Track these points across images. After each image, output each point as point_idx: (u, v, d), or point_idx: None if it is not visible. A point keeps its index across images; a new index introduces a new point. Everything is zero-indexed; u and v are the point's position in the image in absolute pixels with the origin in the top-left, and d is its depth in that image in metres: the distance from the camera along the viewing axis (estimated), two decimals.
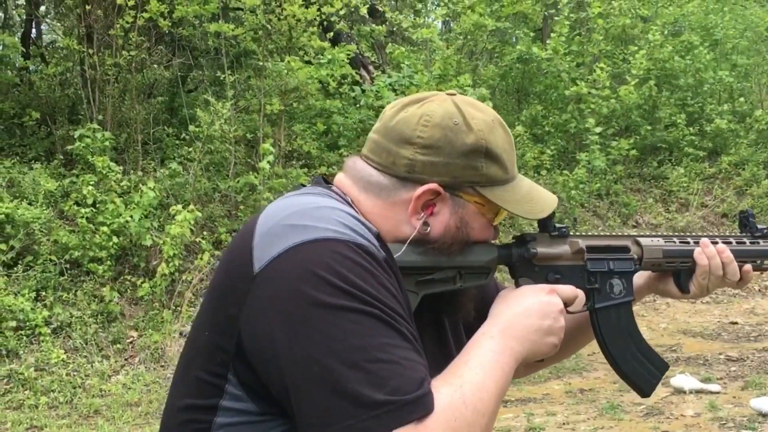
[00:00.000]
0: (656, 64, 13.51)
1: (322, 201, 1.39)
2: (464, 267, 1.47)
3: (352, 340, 1.22)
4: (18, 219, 8.22)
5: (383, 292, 1.28)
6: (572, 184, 11.71)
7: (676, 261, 1.69)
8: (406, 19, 12.16)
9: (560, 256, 1.56)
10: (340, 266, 1.26)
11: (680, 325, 9.56)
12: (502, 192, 1.51)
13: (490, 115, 1.53)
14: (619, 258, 1.61)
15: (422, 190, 1.45)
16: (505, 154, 1.52)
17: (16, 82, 11.53)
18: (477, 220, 1.51)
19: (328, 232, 1.29)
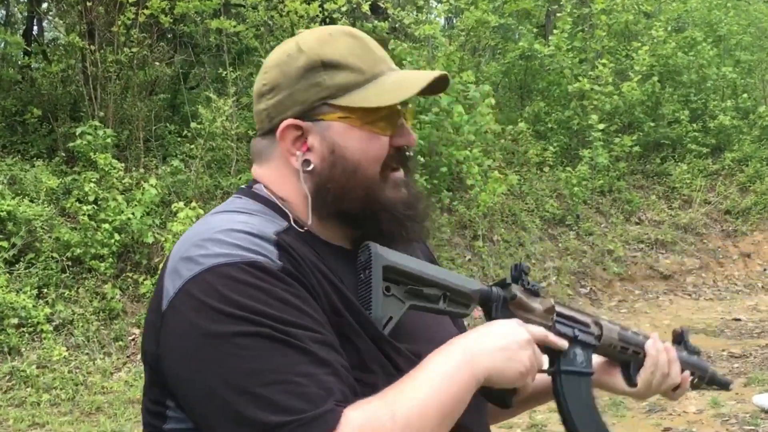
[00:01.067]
0: (659, 60, 13.47)
1: (223, 221, 1.34)
2: (449, 288, 1.40)
3: (244, 365, 1.20)
4: (20, 216, 8.21)
5: (278, 306, 1.23)
6: (575, 181, 11.69)
7: (630, 348, 1.66)
8: (409, 16, 12.12)
9: (533, 310, 1.49)
10: (229, 291, 1.23)
11: (683, 322, 9.54)
12: (361, 93, 1.39)
13: (329, 29, 1.47)
14: (583, 330, 1.57)
15: (280, 129, 1.41)
16: (353, 57, 1.41)
17: (18, 79, 11.52)
18: (350, 136, 1.40)
19: (219, 258, 1.26)
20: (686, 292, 10.93)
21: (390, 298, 1.33)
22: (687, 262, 11.51)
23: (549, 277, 10.51)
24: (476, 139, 10.95)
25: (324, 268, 1.34)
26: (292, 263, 1.29)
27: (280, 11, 10.68)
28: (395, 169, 1.45)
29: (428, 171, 10.80)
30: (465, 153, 10.61)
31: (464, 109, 10.83)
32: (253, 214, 1.38)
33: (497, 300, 1.46)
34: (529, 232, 11.06)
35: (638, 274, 11.16)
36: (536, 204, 11.58)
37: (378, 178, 1.41)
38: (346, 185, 1.39)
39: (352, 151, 1.40)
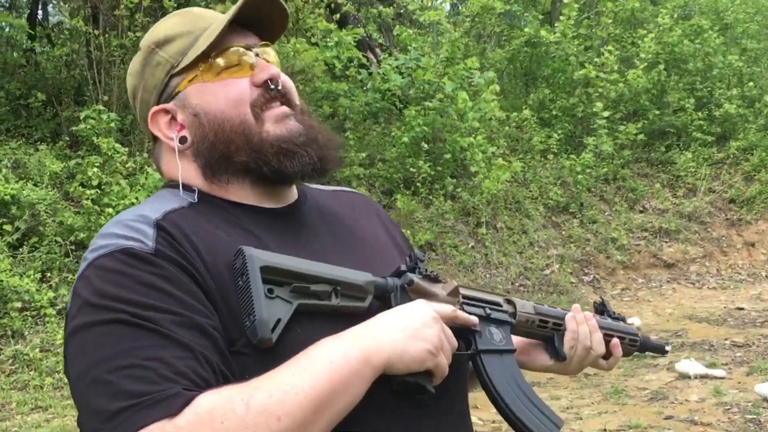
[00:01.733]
0: (665, 48, 13.43)
1: (119, 216, 1.35)
2: (339, 282, 1.28)
3: (96, 354, 1.16)
4: (23, 200, 8.22)
5: (140, 290, 1.18)
6: (579, 169, 11.68)
7: (549, 321, 1.59)
8: (414, 2, 12.09)
9: (435, 295, 1.38)
10: (99, 282, 1.21)
11: (686, 311, 9.54)
12: (195, 49, 1.39)
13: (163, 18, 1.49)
14: (495, 309, 1.48)
15: (149, 122, 1.43)
16: (179, 26, 1.43)
17: (23, 63, 11.53)
18: (205, 92, 1.38)
19: (99, 251, 1.25)
20: (689, 281, 10.93)
21: (274, 300, 1.22)
22: (691, 250, 11.50)
23: (552, 265, 10.51)
24: (480, 126, 10.94)
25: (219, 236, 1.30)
26: (168, 243, 1.25)
27: None
28: (272, 107, 1.39)
29: (432, 157, 10.79)
30: (469, 140, 10.60)
31: (468, 95, 10.82)
32: (156, 199, 1.38)
33: (394, 289, 1.35)
34: (533, 219, 11.06)
35: (642, 263, 11.15)
36: (540, 191, 11.57)
37: (251, 121, 1.37)
38: (220, 138, 1.36)
39: (212, 104, 1.37)
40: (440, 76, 10.96)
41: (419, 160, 10.59)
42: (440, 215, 10.38)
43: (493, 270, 10.17)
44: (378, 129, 11.54)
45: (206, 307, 1.21)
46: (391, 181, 10.65)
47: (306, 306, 1.25)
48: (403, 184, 10.67)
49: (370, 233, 1.56)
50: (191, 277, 1.23)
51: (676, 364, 7.03)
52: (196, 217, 1.33)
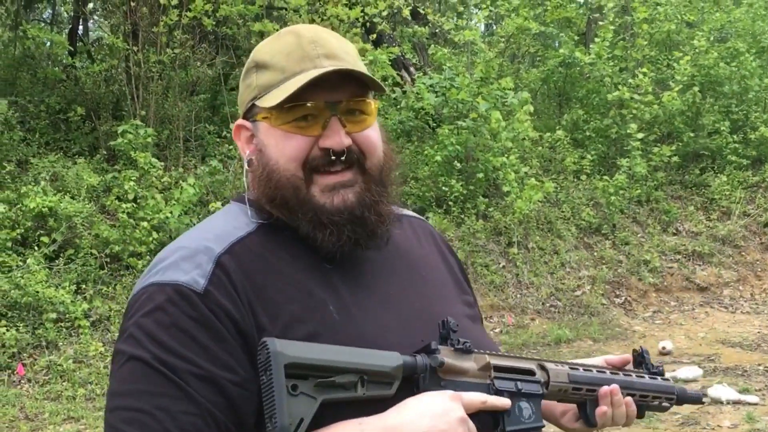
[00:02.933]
0: (701, 70, 13.36)
1: (188, 235, 1.40)
2: (366, 371, 1.25)
3: (114, 385, 1.25)
4: (61, 212, 8.34)
5: (175, 334, 1.24)
6: (612, 190, 11.62)
7: (582, 388, 1.55)
8: (449, 22, 12.14)
9: (466, 371, 1.36)
10: (142, 311, 1.27)
11: (719, 335, 9.45)
12: (276, 92, 1.37)
13: (286, 29, 1.47)
14: (526, 380, 1.44)
15: (233, 131, 1.46)
16: (280, 56, 1.39)
17: (63, 78, 11.71)
18: (271, 136, 1.38)
19: (156, 276, 1.31)
20: (723, 305, 10.82)
21: (298, 398, 1.20)
22: (724, 274, 11.39)
23: (583, 286, 10.46)
24: (513, 145, 10.94)
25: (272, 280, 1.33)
26: (222, 284, 1.28)
27: (321, 15, 10.75)
28: (331, 172, 1.37)
29: (465, 177, 10.81)
30: (502, 159, 10.60)
31: (502, 115, 10.83)
32: (227, 219, 1.42)
33: (423, 371, 1.31)
34: (565, 240, 11.02)
35: (674, 286, 11.06)
36: (572, 212, 11.53)
37: (300, 180, 1.37)
38: (270, 183, 1.38)
39: (272, 149, 1.38)
40: (474, 96, 10.98)
41: (452, 178, 10.61)
42: (472, 234, 10.37)
43: (523, 290, 10.15)
44: (411, 147, 11.58)
45: (235, 359, 1.25)
46: (424, 200, 10.67)
47: (331, 399, 1.24)
48: (435, 202, 10.69)
49: (432, 266, 1.57)
50: (233, 323, 1.27)
51: (709, 389, 6.96)
52: (261, 247, 1.36)
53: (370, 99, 1.42)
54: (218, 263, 1.30)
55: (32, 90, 11.23)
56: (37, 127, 10.24)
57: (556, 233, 11.10)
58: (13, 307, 7.61)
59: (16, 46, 12.27)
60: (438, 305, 1.46)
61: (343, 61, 1.39)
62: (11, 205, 8.37)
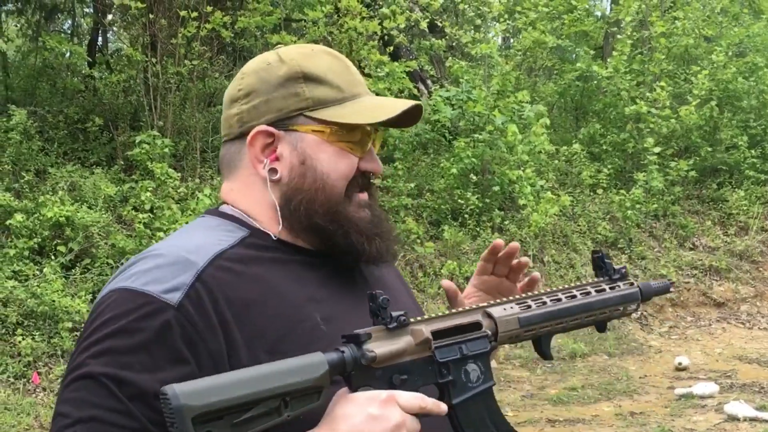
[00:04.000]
0: (719, 84, 13.31)
1: (165, 243, 1.40)
2: (288, 392, 1.16)
3: (63, 392, 1.25)
4: (78, 222, 8.38)
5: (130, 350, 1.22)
6: (629, 204, 11.59)
7: (536, 329, 1.46)
8: (466, 35, 12.15)
9: (403, 351, 1.27)
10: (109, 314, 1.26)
11: (736, 351, 9.39)
12: (338, 110, 1.42)
13: (311, 46, 1.50)
14: (471, 339, 1.35)
15: (251, 135, 1.41)
16: (333, 75, 1.44)
17: (81, 88, 11.79)
18: (323, 150, 1.41)
19: (131, 279, 1.29)
20: (740, 321, 10.75)
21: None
22: (741, 290, 11.32)
23: None
24: (530, 159, 10.93)
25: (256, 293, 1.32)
26: (198, 299, 1.27)
27: (339, 27, 10.79)
28: (360, 191, 1.46)
29: (480, 189, 10.80)
30: (518, 173, 10.60)
31: (518, 128, 10.83)
32: (206, 232, 1.41)
33: (353, 367, 1.22)
34: (581, 254, 10.99)
35: (691, 301, 11.00)
36: (588, 226, 11.50)
37: (343, 196, 1.42)
38: (315, 197, 1.40)
39: (323, 164, 1.41)
40: (491, 109, 10.99)
41: (467, 191, 10.61)
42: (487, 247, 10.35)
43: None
44: (427, 160, 11.59)
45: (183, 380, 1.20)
46: (439, 212, 10.67)
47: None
48: (450, 215, 10.68)
49: (394, 279, 1.63)
50: (203, 341, 1.25)
51: (725, 405, 6.91)
52: (245, 259, 1.36)
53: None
54: (198, 277, 1.28)
55: (51, 100, 11.31)
56: (56, 137, 10.31)
57: (572, 247, 11.07)
58: (29, 316, 7.65)
59: (36, 56, 12.37)
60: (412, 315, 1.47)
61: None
62: (29, 214, 8.42)
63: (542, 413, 7.15)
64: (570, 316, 1.50)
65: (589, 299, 1.53)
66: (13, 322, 7.54)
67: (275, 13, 10.63)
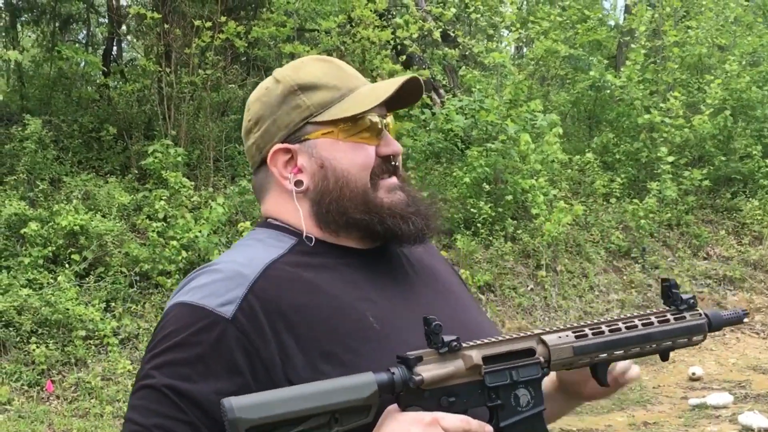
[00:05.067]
0: (732, 94, 13.26)
1: (223, 258, 1.45)
2: (338, 410, 1.21)
3: (131, 398, 1.34)
4: (92, 231, 8.43)
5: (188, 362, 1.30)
6: (642, 213, 11.55)
7: (591, 358, 1.45)
8: (479, 44, 12.17)
9: (452, 375, 1.30)
10: (171, 327, 1.33)
11: (750, 361, 9.33)
12: (340, 106, 1.47)
13: (302, 59, 1.56)
14: (522, 365, 1.37)
15: (269, 156, 1.47)
16: (326, 77, 1.49)
17: (96, 97, 11.87)
18: (337, 149, 1.46)
19: (189, 294, 1.36)
20: (754, 331, 10.69)
21: None
22: (756, 299, 11.26)
23: (612, 310, 10.38)
24: (542, 168, 10.92)
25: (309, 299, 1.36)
26: (251, 311, 1.33)
27: (352, 37, 10.83)
28: (385, 177, 1.48)
29: (493, 198, 10.80)
30: (531, 182, 10.59)
31: (531, 137, 10.82)
32: (257, 244, 1.46)
33: (402, 388, 1.26)
34: (594, 263, 10.96)
35: None
36: (601, 235, 11.47)
37: (369, 186, 1.45)
38: (342, 195, 1.44)
39: (341, 162, 1.45)
40: (503, 118, 10.99)
41: (480, 200, 10.60)
42: (500, 256, 10.35)
43: (552, 313, 10.09)
44: (440, 169, 11.59)
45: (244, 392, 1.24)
46: (452, 221, 10.66)
47: None
48: (463, 224, 10.68)
49: (449, 278, 1.65)
50: (256, 352, 1.31)
51: (740, 416, 6.88)
52: (295, 266, 1.41)
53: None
54: (251, 289, 1.34)
55: (66, 110, 11.40)
56: (71, 146, 10.38)
57: (585, 256, 11.04)
58: (43, 324, 7.69)
59: (51, 66, 12.45)
60: (462, 313, 1.53)
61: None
62: (44, 222, 8.47)
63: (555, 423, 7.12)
64: (628, 345, 1.49)
65: (650, 330, 1.51)
66: (27, 330, 7.58)
67: (289, 23, 10.67)
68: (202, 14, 10.51)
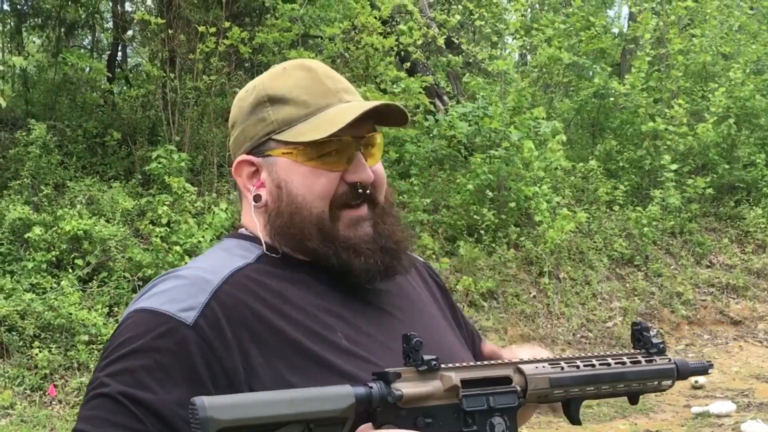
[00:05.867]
0: (736, 102, 13.27)
1: (193, 263, 1.41)
2: (312, 419, 1.16)
3: (82, 409, 1.26)
4: (95, 236, 8.45)
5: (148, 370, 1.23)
6: (645, 221, 11.55)
7: (566, 391, 1.44)
8: (482, 51, 12.18)
9: (431, 395, 1.26)
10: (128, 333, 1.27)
11: (753, 370, 9.32)
12: (301, 127, 1.37)
13: (285, 64, 1.47)
14: (499, 392, 1.34)
15: (234, 166, 1.43)
16: (299, 90, 1.39)
17: (100, 103, 11.90)
18: (294, 171, 1.37)
19: (151, 299, 1.31)
20: (757, 339, 10.67)
21: None
22: (759, 308, 11.25)
23: (615, 318, 10.38)
24: (546, 175, 10.92)
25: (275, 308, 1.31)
26: (213, 317, 1.27)
27: (356, 44, 10.85)
28: (353, 206, 1.39)
29: (496, 205, 10.80)
30: (534, 189, 10.59)
31: (534, 145, 10.83)
32: (224, 253, 1.42)
33: (379, 404, 1.22)
34: (597, 270, 10.95)
35: (707, 319, 10.94)
36: (604, 243, 11.47)
37: (327, 216, 1.36)
38: (292, 221, 1.36)
39: (297, 187, 1.37)
40: (507, 125, 11.00)
41: (483, 207, 10.61)
42: (503, 263, 10.35)
43: (554, 320, 10.09)
44: (443, 175, 11.60)
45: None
46: (455, 228, 10.67)
47: None
48: (466, 231, 10.68)
49: (421, 298, 1.56)
50: (218, 360, 1.25)
51: (742, 424, 6.87)
52: (263, 274, 1.36)
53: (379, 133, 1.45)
54: (214, 295, 1.29)
55: (70, 114, 11.42)
56: (75, 151, 10.40)
57: (588, 264, 11.04)
58: (46, 329, 7.70)
59: (55, 71, 12.49)
60: (436, 334, 1.47)
61: (356, 96, 1.44)
62: (47, 227, 8.49)
63: (557, 431, 7.12)
64: (601, 382, 1.48)
65: (623, 369, 1.51)
66: (30, 334, 7.59)
67: (293, 29, 10.70)
68: (207, 20, 10.53)
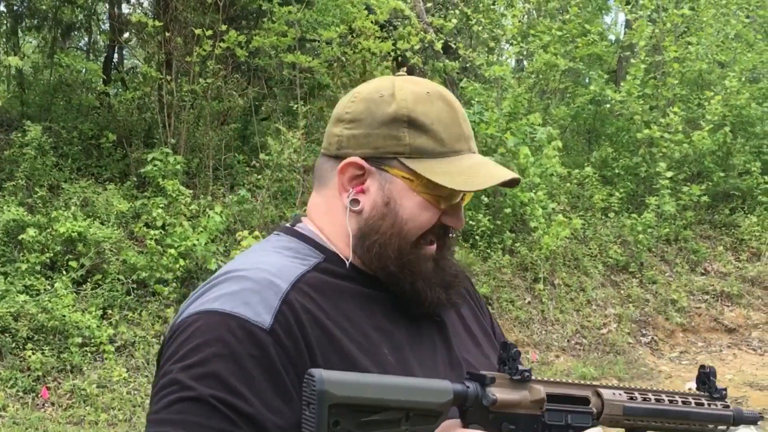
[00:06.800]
0: (732, 110, 13.29)
1: (249, 263, 1.38)
2: (413, 408, 1.21)
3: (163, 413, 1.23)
4: (90, 238, 8.42)
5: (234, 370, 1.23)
6: (640, 228, 11.55)
7: (634, 420, 1.49)
8: (479, 57, 12.19)
9: (518, 404, 1.33)
10: (201, 339, 1.26)
11: (747, 377, 9.32)
12: (433, 164, 1.39)
13: (428, 87, 1.46)
14: (577, 411, 1.41)
15: (343, 164, 1.42)
16: (439, 125, 1.41)
17: (96, 105, 11.87)
18: (408, 198, 1.40)
19: (218, 301, 1.29)
20: (751, 347, 10.68)
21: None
22: (753, 316, 11.25)
23: (609, 324, 10.38)
24: (541, 181, 10.93)
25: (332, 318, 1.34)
26: (286, 322, 1.28)
27: (353, 48, 10.84)
28: (430, 242, 1.44)
29: (492, 211, 10.80)
30: (529, 195, 10.59)
31: (530, 151, 10.83)
32: (284, 253, 1.41)
33: (472, 404, 1.29)
34: (591, 277, 10.95)
35: (702, 326, 10.94)
36: (599, 249, 11.47)
37: (411, 244, 1.41)
38: (389, 242, 1.39)
39: (405, 210, 1.39)
40: (503, 131, 11.00)
41: (479, 213, 10.61)
42: (498, 269, 10.34)
43: (549, 326, 10.08)
44: None
45: (285, 402, 1.25)
46: None
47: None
48: (461, 236, 10.67)
49: (467, 317, 1.61)
50: (293, 365, 1.27)
51: None
52: (322, 284, 1.37)
53: None
54: (285, 300, 1.30)
55: (66, 116, 11.39)
56: (70, 153, 10.37)
57: (583, 270, 11.04)
58: (39, 331, 7.67)
59: (51, 73, 12.47)
60: (478, 356, 1.51)
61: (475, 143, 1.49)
62: (41, 229, 8.46)
63: None
64: (668, 418, 1.53)
65: (688, 409, 1.57)
66: (23, 336, 7.56)
67: (290, 32, 10.69)
68: (204, 23, 10.52)
